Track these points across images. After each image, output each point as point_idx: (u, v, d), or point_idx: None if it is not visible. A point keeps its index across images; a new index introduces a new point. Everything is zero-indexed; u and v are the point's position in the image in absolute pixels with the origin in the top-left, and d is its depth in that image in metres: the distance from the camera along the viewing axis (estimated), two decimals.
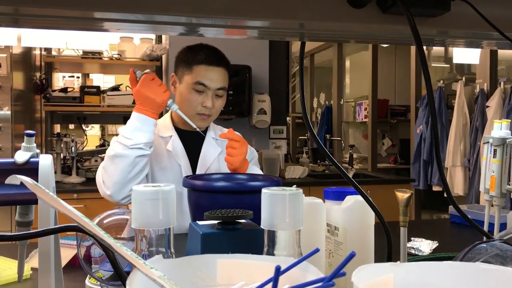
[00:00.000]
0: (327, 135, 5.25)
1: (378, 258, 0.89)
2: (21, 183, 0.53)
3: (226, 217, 0.80)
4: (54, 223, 0.68)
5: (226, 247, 0.77)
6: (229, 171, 1.51)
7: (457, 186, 4.48)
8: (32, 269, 1.09)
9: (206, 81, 1.60)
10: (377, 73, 5.04)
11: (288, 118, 5.05)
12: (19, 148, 0.72)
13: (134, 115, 1.49)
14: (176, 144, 1.65)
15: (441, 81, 4.84)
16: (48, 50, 3.60)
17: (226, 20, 0.63)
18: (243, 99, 3.44)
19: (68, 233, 1.29)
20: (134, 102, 3.42)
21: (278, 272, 0.38)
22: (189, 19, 0.61)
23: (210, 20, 0.62)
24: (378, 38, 0.89)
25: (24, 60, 3.45)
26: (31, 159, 0.69)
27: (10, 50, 3.06)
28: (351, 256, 0.40)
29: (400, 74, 6.74)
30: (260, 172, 1.63)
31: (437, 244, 1.33)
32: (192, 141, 1.67)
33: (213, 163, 1.65)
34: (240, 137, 1.52)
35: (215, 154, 1.68)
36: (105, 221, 0.92)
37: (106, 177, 1.47)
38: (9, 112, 3.05)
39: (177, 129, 1.69)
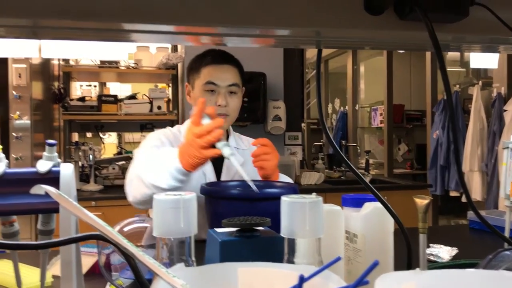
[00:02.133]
0: (343, 141, 5.23)
1: (397, 265, 0.89)
2: (44, 192, 0.54)
3: (245, 225, 0.81)
4: (75, 231, 0.68)
5: (244, 255, 0.77)
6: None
7: (475, 191, 4.42)
8: (53, 276, 1.10)
9: (215, 80, 1.59)
10: (392, 78, 5.01)
11: (303, 124, 5.04)
12: (38, 157, 0.73)
13: (178, 166, 1.26)
14: None
15: (457, 85, 4.80)
16: (66, 60, 3.65)
17: (245, 29, 0.63)
18: (258, 106, 3.45)
19: (87, 241, 1.29)
20: (151, 110, 3.47)
21: (302, 281, 0.38)
22: (209, 29, 0.62)
23: (229, 30, 0.63)
24: (395, 45, 0.89)
25: (43, 70, 3.50)
26: (53, 169, 0.70)
27: (30, 61, 3.11)
28: (375, 264, 0.40)
29: (415, 79, 6.70)
30: (291, 180, 1.59)
31: (457, 251, 1.31)
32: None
33: (236, 172, 1.64)
34: (270, 142, 1.47)
35: (238, 164, 1.65)
36: (125, 229, 0.93)
37: (130, 191, 1.41)
38: (28, 121, 3.09)
39: None
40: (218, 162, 1.64)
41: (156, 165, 1.31)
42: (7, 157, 0.70)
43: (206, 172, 1.61)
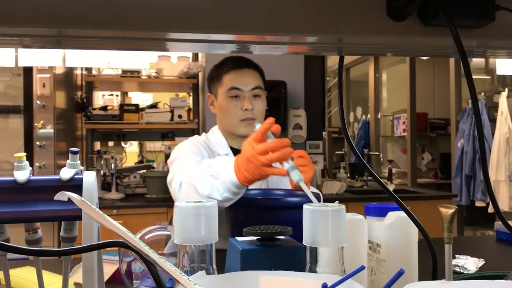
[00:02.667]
0: (365, 150, 5.18)
1: (422, 276, 0.87)
2: (67, 200, 0.54)
3: (266, 233, 0.80)
4: (98, 239, 0.69)
5: (265, 264, 0.76)
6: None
7: (502, 201, 4.33)
8: (75, 284, 1.11)
9: (238, 84, 1.59)
10: (415, 86, 4.95)
11: (324, 133, 5.02)
12: (61, 165, 0.74)
13: (234, 179, 1.18)
14: None
15: (482, 93, 4.72)
16: (89, 69, 3.71)
17: (266, 37, 0.63)
18: (278, 114, 3.44)
19: (108, 248, 1.30)
20: (172, 119, 3.50)
21: None
22: (230, 37, 0.62)
23: (251, 37, 0.62)
24: (418, 51, 0.87)
25: (66, 80, 3.57)
26: (76, 176, 0.71)
27: (54, 71, 3.17)
28: (400, 273, 0.39)
29: (438, 86, 6.62)
30: (317, 191, 1.54)
31: (484, 262, 1.28)
32: None
33: (262, 183, 1.59)
34: (307, 154, 1.39)
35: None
36: (146, 237, 0.93)
37: (181, 196, 1.39)
38: (52, 130, 3.15)
39: (230, 147, 1.65)
40: None
41: (211, 177, 1.24)
42: (31, 165, 0.71)
43: None
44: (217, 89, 1.64)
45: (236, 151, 1.62)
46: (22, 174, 0.69)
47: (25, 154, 0.72)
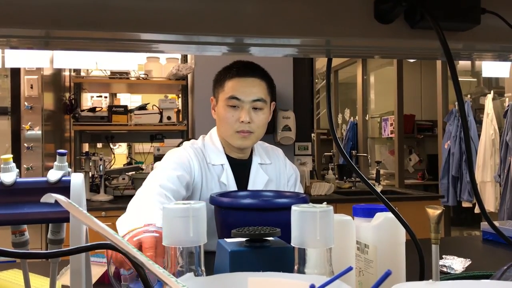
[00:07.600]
0: (353, 151, 5.21)
1: (409, 277, 0.88)
2: (54, 202, 0.54)
3: (255, 235, 0.80)
4: (85, 241, 0.68)
5: (254, 265, 0.76)
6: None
7: (488, 202, 4.38)
8: (63, 286, 1.10)
9: (238, 94, 1.50)
10: (402, 88, 4.99)
11: (313, 135, 5.03)
12: (49, 167, 0.73)
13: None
14: (229, 176, 1.55)
15: (469, 95, 4.77)
16: (77, 71, 3.69)
17: (254, 39, 0.63)
18: None
19: (97, 250, 1.29)
20: (161, 120, 3.49)
21: None
22: (218, 38, 0.62)
23: (238, 39, 0.63)
24: (405, 54, 0.88)
25: (54, 81, 3.54)
26: (63, 178, 0.71)
27: (42, 72, 3.14)
28: (387, 274, 0.40)
29: (426, 88, 6.68)
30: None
31: (470, 262, 1.29)
32: (240, 169, 1.57)
33: (266, 185, 1.59)
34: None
35: (263, 182, 1.59)
36: (134, 239, 0.93)
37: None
38: (40, 132, 3.12)
39: (226, 156, 1.59)
40: (241, 185, 1.57)
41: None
42: (18, 167, 0.71)
43: (228, 183, 1.54)
44: (218, 94, 1.56)
45: (233, 161, 1.58)
46: (9, 176, 0.68)
47: (11, 156, 0.71)
